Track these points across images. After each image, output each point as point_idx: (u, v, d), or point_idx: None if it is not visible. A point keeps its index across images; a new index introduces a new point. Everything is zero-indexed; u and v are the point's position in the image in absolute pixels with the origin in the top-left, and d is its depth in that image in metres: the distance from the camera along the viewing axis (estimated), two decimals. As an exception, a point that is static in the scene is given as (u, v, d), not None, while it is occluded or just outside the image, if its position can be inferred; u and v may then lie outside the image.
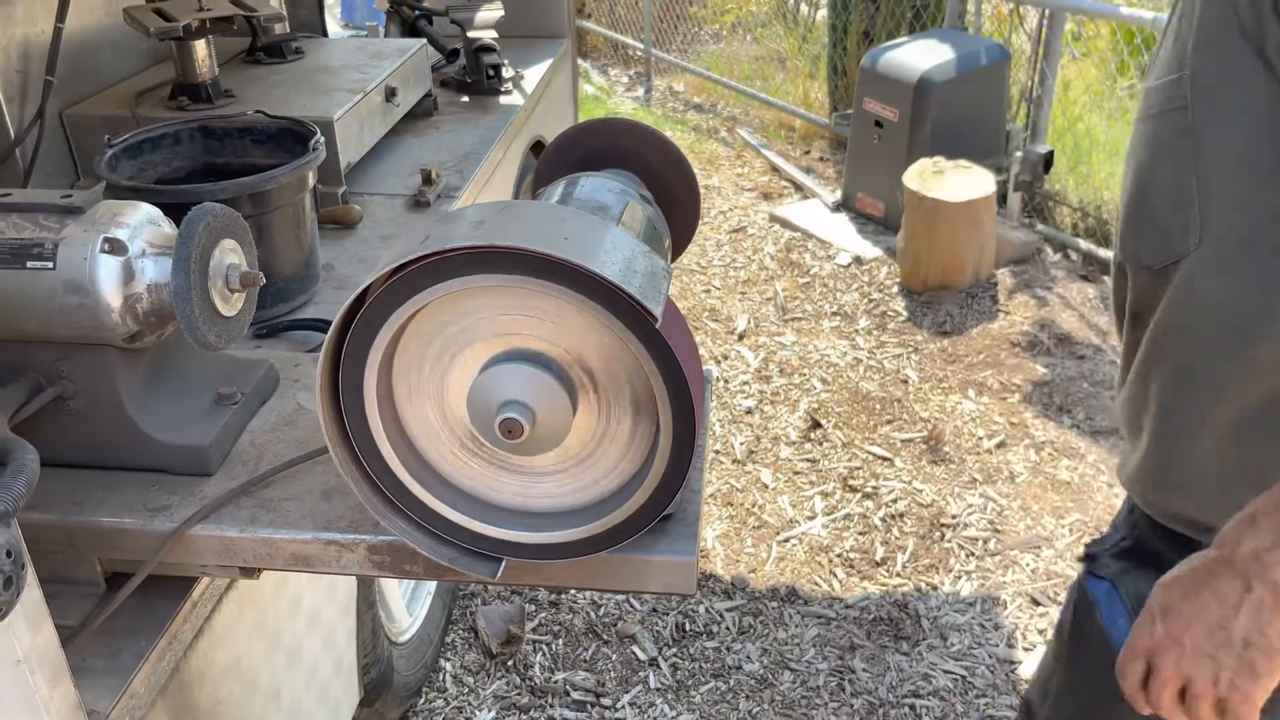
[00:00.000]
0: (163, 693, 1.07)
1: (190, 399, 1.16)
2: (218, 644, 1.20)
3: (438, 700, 2.35)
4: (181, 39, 1.87)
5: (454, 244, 0.80)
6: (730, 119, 6.03)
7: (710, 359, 3.67)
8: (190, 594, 1.11)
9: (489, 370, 0.86)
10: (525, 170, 2.61)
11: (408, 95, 2.28)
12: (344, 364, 0.88)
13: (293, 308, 1.59)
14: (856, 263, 4.25)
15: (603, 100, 6.45)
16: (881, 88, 4.31)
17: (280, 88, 2.05)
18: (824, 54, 5.66)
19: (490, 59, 2.62)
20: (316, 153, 1.55)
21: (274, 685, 1.39)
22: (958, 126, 4.20)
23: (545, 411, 0.85)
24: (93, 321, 1.03)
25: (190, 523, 1.03)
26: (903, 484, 3.01)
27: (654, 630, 2.54)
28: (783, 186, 5.06)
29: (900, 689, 2.37)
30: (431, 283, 0.83)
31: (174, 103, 1.91)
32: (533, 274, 0.81)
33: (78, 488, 1.09)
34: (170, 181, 1.58)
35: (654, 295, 0.81)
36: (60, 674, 0.89)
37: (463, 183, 2.09)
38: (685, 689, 2.38)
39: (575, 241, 0.81)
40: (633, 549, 0.96)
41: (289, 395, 1.25)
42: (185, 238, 1.01)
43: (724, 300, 4.05)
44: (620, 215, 1.01)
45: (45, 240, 1.03)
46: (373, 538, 1.02)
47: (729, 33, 7.21)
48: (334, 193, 1.91)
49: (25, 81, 1.73)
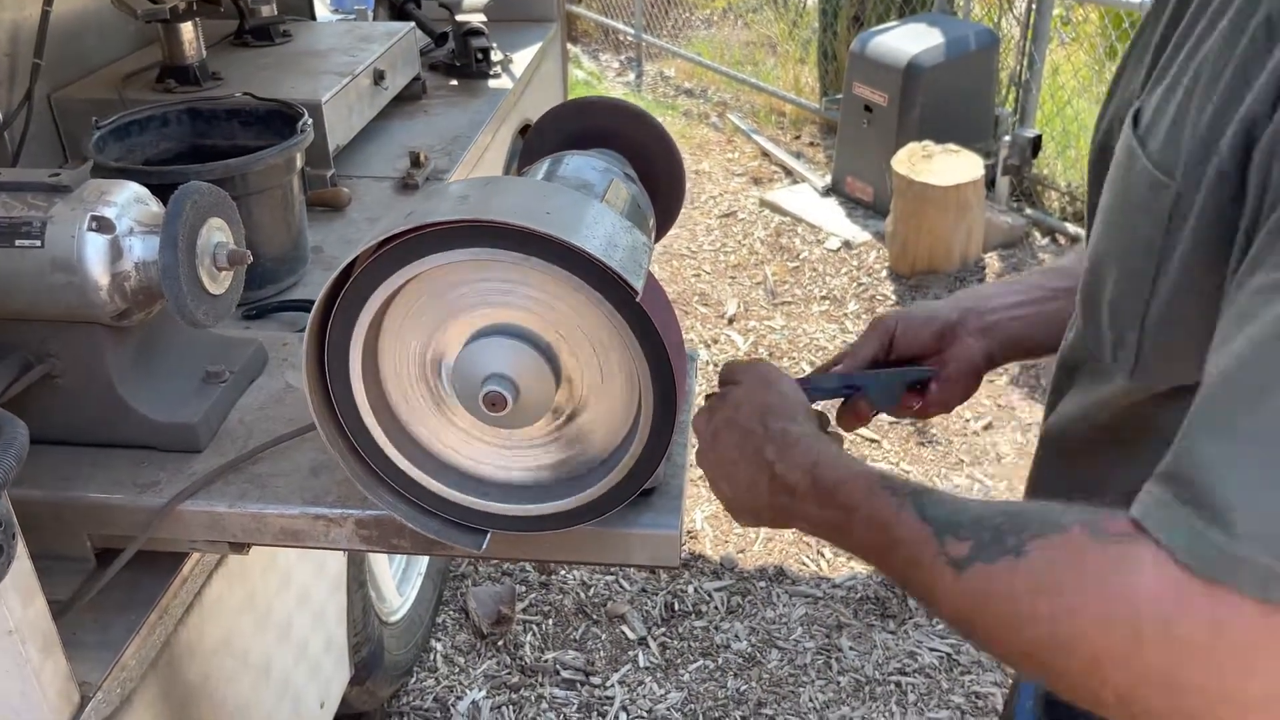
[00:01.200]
0: (153, 666, 1.09)
1: (179, 377, 1.17)
2: (208, 619, 1.21)
3: (428, 680, 2.37)
4: (169, 21, 1.87)
5: (437, 218, 0.81)
6: (721, 104, 6.03)
7: (700, 343, 3.68)
8: (180, 569, 1.12)
9: (473, 344, 0.87)
10: (514, 154, 2.62)
11: (396, 78, 2.28)
12: (330, 340, 0.89)
13: (281, 289, 1.60)
14: (846, 247, 4.27)
15: (593, 85, 6.45)
16: (871, 72, 4.32)
17: (268, 70, 2.05)
18: (814, 39, 5.66)
19: (479, 42, 2.62)
20: (304, 135, 1.55)
21: (264, 661, 1.40)
22: (946, 111, 4.21)
23: (528, 385, 0.87)
24: (81, 299, 1.04)
25: (180, 498, 1.05)
26: (890, 465, 3.03)
27: (643, 610, 2.56)
28: (773, 171, 5.07)
29: (886, 666, 2.40)
30: (415, 257, 0.84)
31: (161, 85, 1.91)
32: (516, 248, 0.82)
33: (67, 464, 1.10)
34: (158, 163, 1.58)
35: (635, 269, 0.82)
36: (52, 645, 0.90)
37: (451, 166, 2.09)
38: (674, 667, 2.40)
39: (558, 216, 0.82)
40: (617, 522, 0.98)
41: (277, 374, 1.26)
42: (172, 216, 1.02)
43: (714, 285, 4.06)
44: (604, 192, 1.02)
45: (33, 219, 1.04)
46: (360, 512, 1.04)
47: (720, 18, 7.20)
48: (322, 175, 1.91)
49: (13, 64, 1.73)
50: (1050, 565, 0.59)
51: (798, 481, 0.80)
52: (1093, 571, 0.57)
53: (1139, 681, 0.55)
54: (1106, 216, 0.77)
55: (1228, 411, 0.55)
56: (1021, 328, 1.02)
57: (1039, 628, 0.59)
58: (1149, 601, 0.54)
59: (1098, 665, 0.57)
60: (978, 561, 0.62)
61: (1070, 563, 0.58)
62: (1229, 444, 0.54)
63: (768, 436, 0.84)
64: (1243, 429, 0.54)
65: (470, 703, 2.31)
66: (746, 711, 2.29)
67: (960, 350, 1.01)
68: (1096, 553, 0.57)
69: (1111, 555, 0.57)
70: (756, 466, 0.84)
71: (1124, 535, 0.57)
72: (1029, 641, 0.60)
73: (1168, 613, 0.54)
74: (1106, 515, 0.59)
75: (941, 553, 0.64)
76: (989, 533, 0.63)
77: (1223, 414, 0.55)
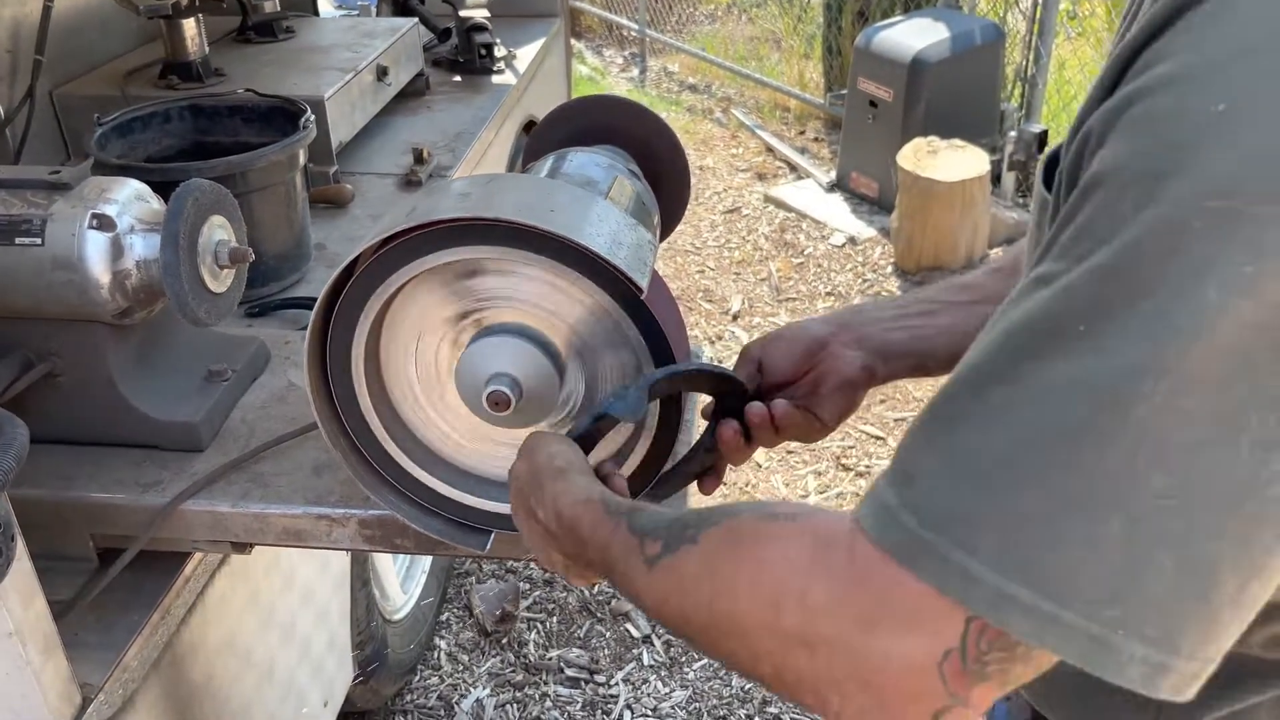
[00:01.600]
0: (155, 667, 1.08)
1: (181, 375, 1.17)
2: (210, 619, 1.20)
3: (432, 678, 2.36)
4: (171, 17, 1.86)
5: (440, 216, 0.80)
6: (725, 99, 6.01)
7: (704, 340, 3.67)
8: (183, 569, 1.11)
9: (476, 343, 0.87)
10: (518, 150, 2.61)
11: (399, 74, 2.27)
12: (332, 339, 0.89)
13: (284, 286, 1.60)
14: (851, 243, 4.25)
15: (597, 81, 6.43)
16: (876, 67, 4.30)
17: (271, 66, 2.04)
18: (819, 34, 5.64)
19: (482, 38, 2.61)
20: (307, 131, 1.54)
21: (267, 661, 1.39)
22: (952, 106, 4.19)
23: (532, 384, 0.86)
24: (81, 298, 1.03)
25: (182, 498, 1.04)
26: (896, 463, 3.02)
27: (648, 608, 2.55)
28: (777, 167, 5.05)
29: (892, 665, 2.39)
30: (418, 255, 0.83)
31: (164, 82, 1.90)
32: (519, 246, 0.81)
33: (69, 464, 1.09)
34: (160, 160, 1.57)
35: (639, 267, 0.81)
36: (52, 646, 0.90)
37: (454, 162, 2.09)
38: (679, 666, 2.39)
39: (562, 214, 0.81)
40: (621, 522, 0.97)
41: (280, 372, 1.26)
42: (173, 213, 1.01)
43: (718, 281, 4.05)
44: (608, 190, 1.01)
45: (33, 216, 1.03)
46: (363, 512, 1.03)
47: (724, 13, 7.18)
48: (325, 172, 1.90)
49: (15, 61, 1.73)
50: (714, 548, 0.61)
51: (550, 521, 0.77)
52: (746, 548, 0.58)
53: (782, 647, 0.56)
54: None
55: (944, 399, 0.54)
56: (905, 339, 0.95)
57: (701, 611, 0.61)
58: (789, 568, 0.56)
59: (748, 638, 0.58)
60: (664, 557, 0.64)
61: (728, 542, 0.60)
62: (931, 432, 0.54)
63: (528, 488, 0.80)
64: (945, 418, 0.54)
65: (474, 701, 2.31)
66: (751, 710, 2.28)
67: (833, 364, 0.93)
68: (752, 529, 0.59)
69: (763, 532, 0.58)
70: (537, 531, 0.80)
71: (791, 515, 0.59)
72: (699, 626, 0.62)
73: (804, 576, 0.55)
74: (798, 504, 0.61)
75: (641, 553, 0.66)
76: (678, 529, 0.65)
77: (941, 400, 0.55)
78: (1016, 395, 0.50)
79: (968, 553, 0.50)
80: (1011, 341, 0.52)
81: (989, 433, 0.51)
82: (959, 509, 0.51)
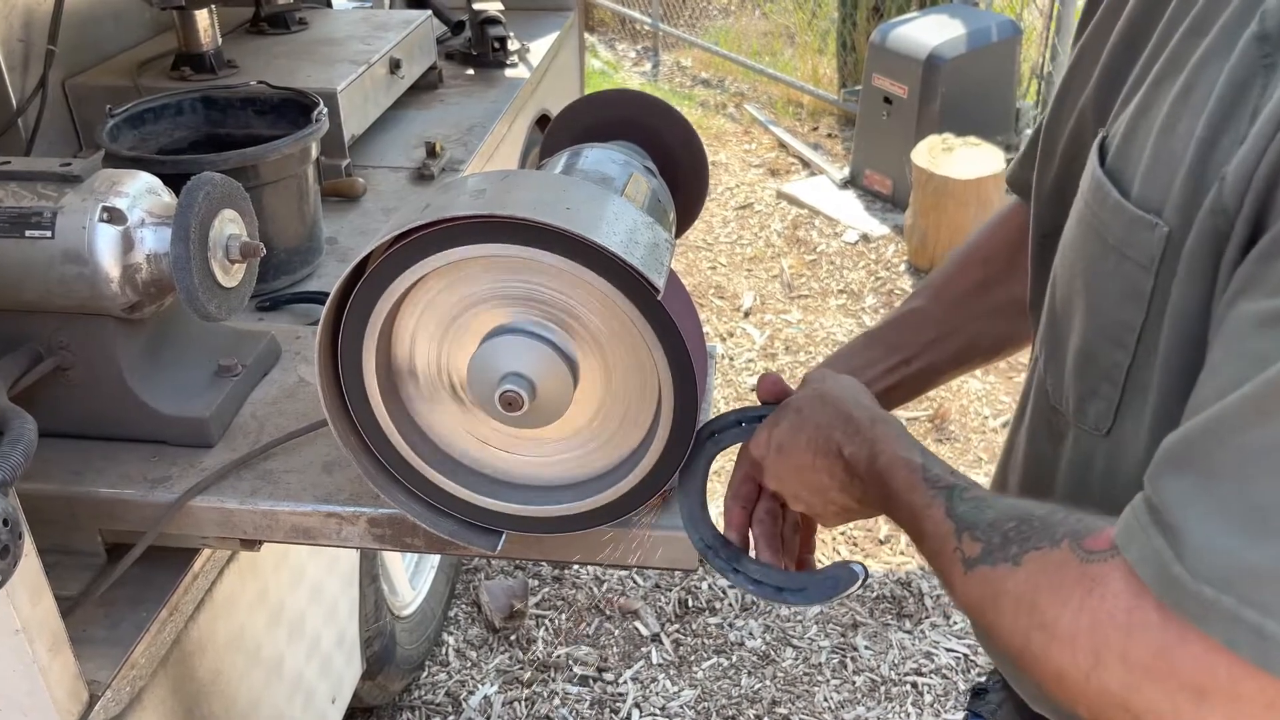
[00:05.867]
0: (163, 663, 1.07)
1: (191, 370, 1.16)
2: (219, 616, 1.20)
3: (440, 674, 2.35)
4: (184, 8, 1.85)
5: (454, 213, 0.79)
6: (738, 95, 5.98)
7: (716, 336, 3.66)
8: (191, 565, 1.11)
9: (489, 342, 0.85)
10: (530, 144, 2.59)
11: (412, 67, 2.26)
12: (343, 335, 0.87)
13: (295, 280, 1.59)
14: (864, 240, 4.23)
15: (610, 75, 6.41)
16: (891, 63, 4.28)
17: (284, 58, 2.03)
18: (833, 29, 5.61)
19: (496, 31, 2.60)
20: (319, 124, 1.53)
21: (276, 657, 1.39)
22: (967, 103, 4.17)
23: (546, 384, 0.84)
24: (91, 291, 1.02)
25: (191, 494, 1.03)
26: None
27: (657, 606, 2.54)
28: (790, 163, 5.03)
29: (902, 667, 2.37)
30: (431, 252, 0.81)
31: (176, 73, 1.90)
32: (534, 244, 0.80)
33: (78, 458, 1.08)
34: (172, 152, 1.57)
35: (656, 267, 0.80)
36: (60, 643, 0.89)
37: (467, 156, 2.07)
38: (688, 664, 2.38)
39: (577, 212, 0.80)
40: (634, 524, 0.96)
41: (290, 368, 1.25)
42: (184, 207, 1.00)
43: (730, 277, 4.03)
44: (624, 187, 1.00)
45: (44, 209, 1.02)
46: (373, 510, 1.02)
47: (738, 7, 7.15)
48: (337, 165, 1.89)
49: (27, 51, 1.72)
50: (1034, 580, 0.62)
51: (860, 462, 0.81)
52: (1067, 592, 0.59)
53: (1100, 700, 0.58)
54: (1072, 253, 0.74)
55: (1203, 444, 0.55)
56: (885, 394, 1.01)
57: (1017, 637, 0.62)
58: (1111, 624, 0.56)
59: (1063, 682, 0.59)
60: (983, 564, 0.66)
61: (1050, 582, 0.60)
62: (1195, 478, 0.54)
63: (834, 423, 0.85)
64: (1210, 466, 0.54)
65: (482, 698, 2.30)
66: (760, 710, 2.27)
67: None
68: (1074, 572, 0.59)
69: (1087, 576, 0.58)
70: (829, 456, 0.84)
71: (1102, 554, 0.58)
72: (1012, 648, 0.63)
73: (1124, 635, 0.56)
74: (1092, 530, 0.60)
75: (958, 549, 0.68)
76: (999, 537, 0.66)
77: (1198, 445, 0.55)
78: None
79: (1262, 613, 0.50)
80: (1263, 388, 0.52)
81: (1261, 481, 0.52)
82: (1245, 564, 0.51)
